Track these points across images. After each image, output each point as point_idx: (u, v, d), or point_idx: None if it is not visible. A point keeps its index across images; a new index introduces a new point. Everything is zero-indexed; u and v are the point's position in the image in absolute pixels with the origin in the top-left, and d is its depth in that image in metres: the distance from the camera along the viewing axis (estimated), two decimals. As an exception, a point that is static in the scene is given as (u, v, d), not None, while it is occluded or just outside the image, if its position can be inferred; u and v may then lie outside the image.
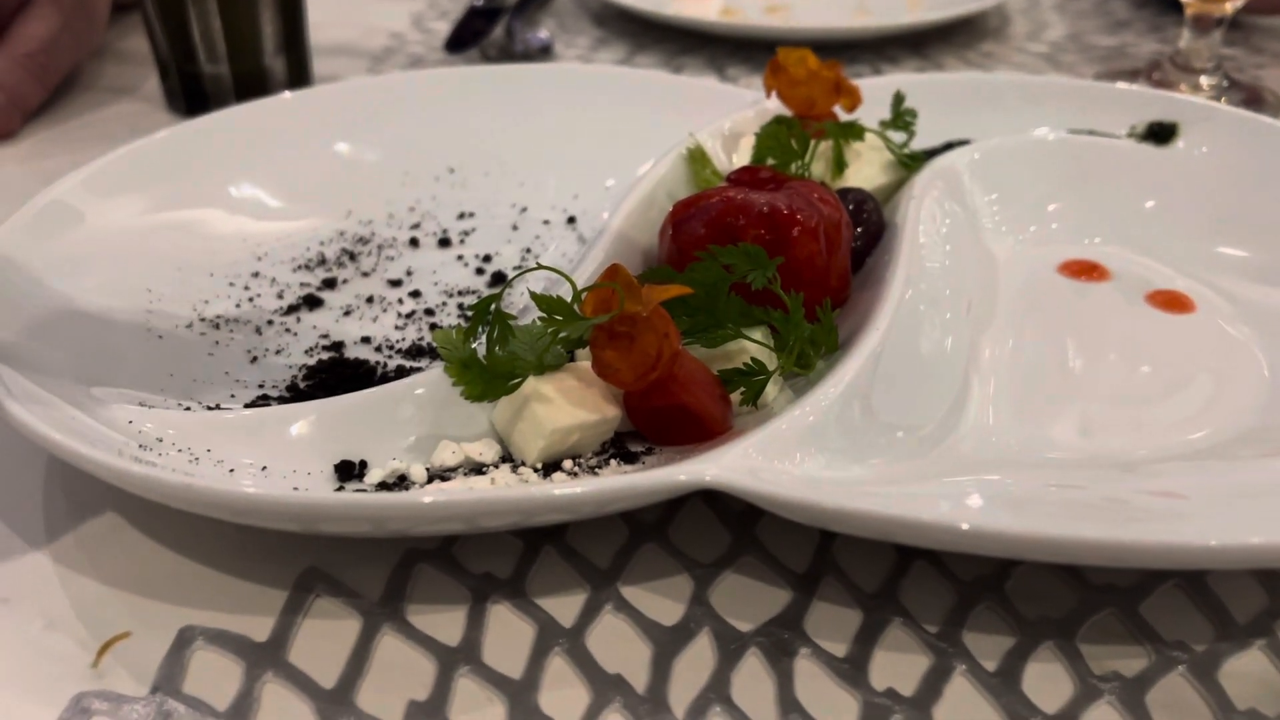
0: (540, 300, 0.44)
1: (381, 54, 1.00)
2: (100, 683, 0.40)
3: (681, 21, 1.00)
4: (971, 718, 0.39)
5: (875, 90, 0.67)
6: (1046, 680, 0.41)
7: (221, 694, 0.40)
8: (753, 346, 0.47)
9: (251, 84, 0.83)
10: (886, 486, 0.43)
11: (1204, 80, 0.86)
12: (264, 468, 0.43)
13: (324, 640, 0.42)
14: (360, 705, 0.40)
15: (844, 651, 0.42)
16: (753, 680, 0.41)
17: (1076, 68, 0.96)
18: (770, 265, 0.47)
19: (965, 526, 0.38)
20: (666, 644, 0.42)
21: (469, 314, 0.52)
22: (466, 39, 0.97)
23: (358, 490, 0.43)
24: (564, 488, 0.39)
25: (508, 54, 0.97)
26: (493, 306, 0.45)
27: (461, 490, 0.39)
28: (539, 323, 0.44)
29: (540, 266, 0.45)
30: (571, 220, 0.66)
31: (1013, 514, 0.41)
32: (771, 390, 0.47)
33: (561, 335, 0.44)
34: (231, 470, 0.43)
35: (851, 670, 0.41)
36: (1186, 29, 0.87)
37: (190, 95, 0.83)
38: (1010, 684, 0.41)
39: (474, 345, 0.45)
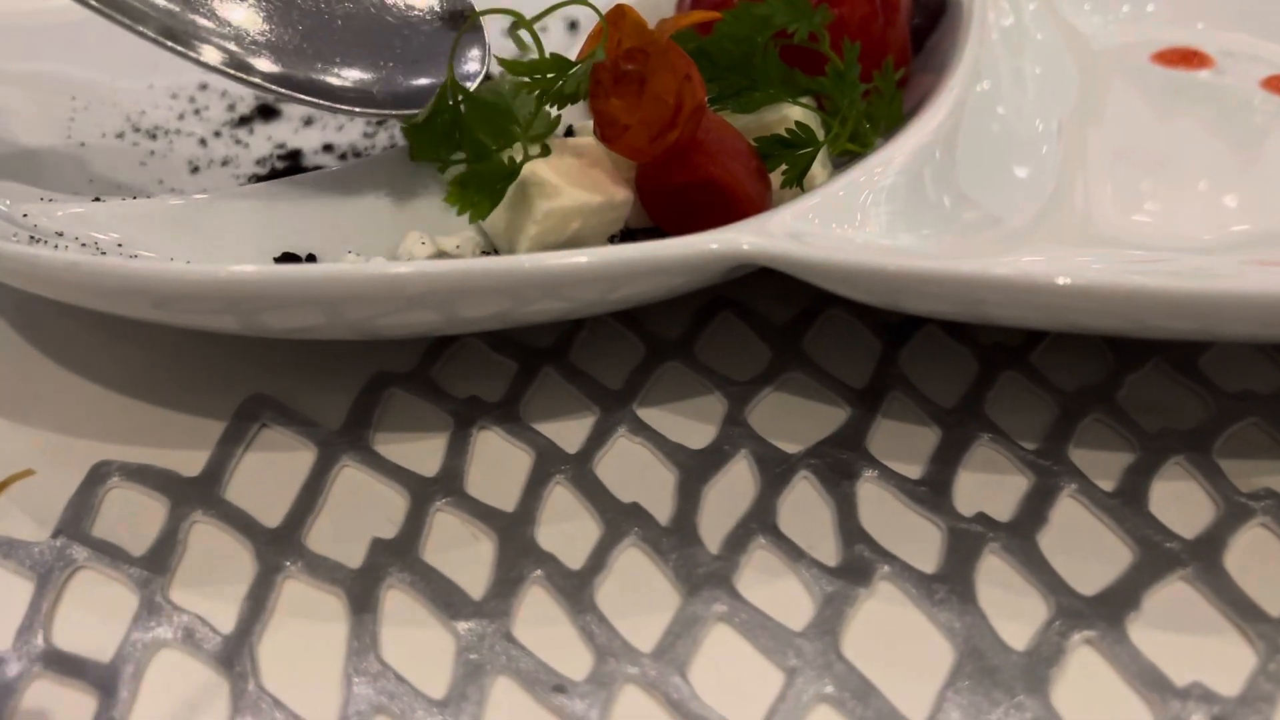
0: (517, 69, 0.34)
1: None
2: (-9, 527, 0.32)
3: None
4: (1088, 545, 0.31)
5: None
6: (1179, 500, 0.32)
7: (138, 537, 0.32)
8: (797, 112, 0.38)
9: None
10: (962, 256, 0.34)
11: None
12: (188, 263, 0.34)
13: (269, 475, 0.34)
14: (310, 546, 0.32)
15: (919, 473, 0.33)
16: (805, 507, 0.32)
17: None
18: (817, 14, 0.38)
19: (1063, 281, 0.29)
20: (695, 469, 0.33)
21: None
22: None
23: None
24: (562, 258, 0.30)
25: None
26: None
27: (436, 262, 0.30)
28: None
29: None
30: (573, 26, 0.57)
31: (1120, 274, 0.32)
32: (819, 173, 0.38)
33: (554, 90, 0.35)
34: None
35: (930, 494, 0.32)
36: None
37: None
38: (1133, 504, 0.32)
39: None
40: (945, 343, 0.37)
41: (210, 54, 0.34)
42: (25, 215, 0.35)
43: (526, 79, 0.35)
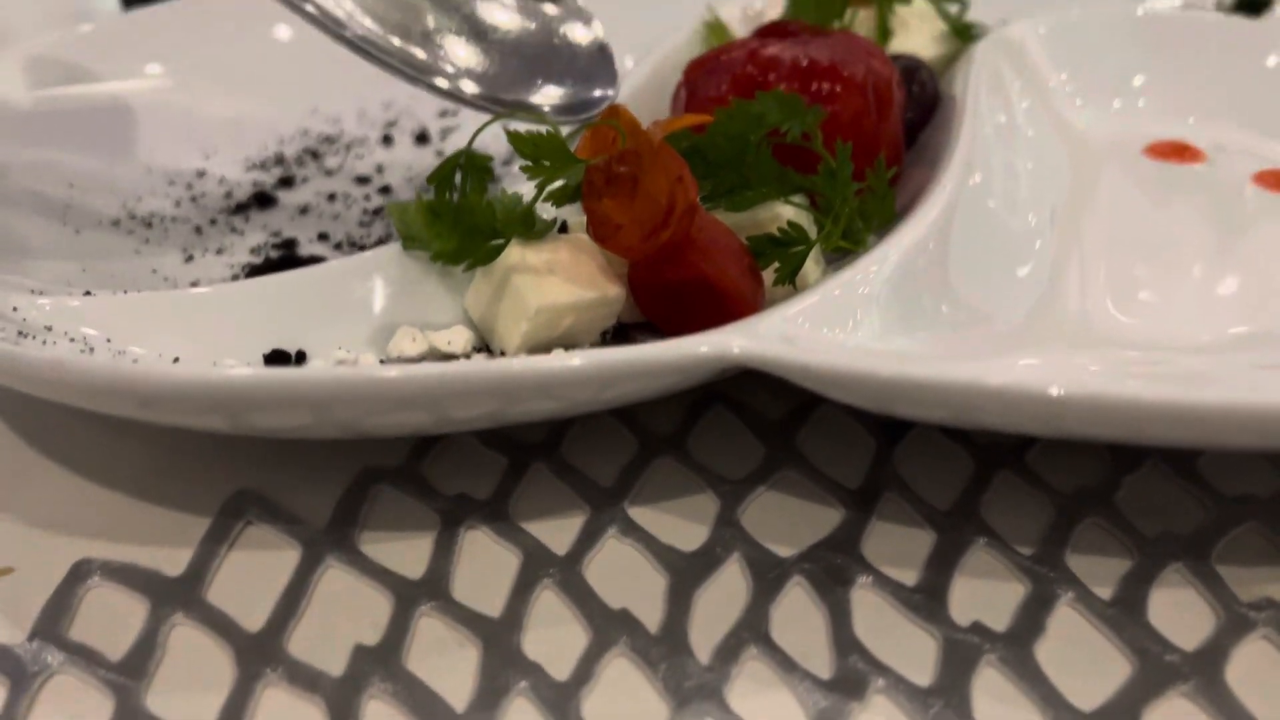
0: (522, 142, 0.34)
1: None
2: (-33, 628, 0.32)
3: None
4: (1086, 657, 0.30)
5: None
6: (1179, 609, 0.32)
7: (117, 640, 0.31)
8: (789, 210, 0.38)
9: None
10: (956, 360, 0.34)
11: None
12: (176, 359, 0.34)
13: (253, 575, 0.33)
14: (292, 652, 0.31)
15: (915, 579, 0.33)
16: (799, 615, 0.32)
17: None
18: (809, 113, 0.38)
19: (1056, 392, 0.28)
20: (686, 573, 0.33)
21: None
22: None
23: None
24: (553, 362, 0.30)
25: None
26: (463, 158, 0.36)
27: (425, 365, 0.30)
28: (522, 172, 0.35)
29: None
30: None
31: (1117, 383, 0.32)
32: (812, 270, 0.38)
33: (551, 188, 0.35)
34: (135, 362, 0.34)
35: (926, 601, 0.32)
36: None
37: None
38: (1133, 614, 0.31)
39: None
40: (940, 441, 0.37)
41: (440, 82, 0.41)
42: (15, 309, 0.35)
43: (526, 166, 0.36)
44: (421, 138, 0.55)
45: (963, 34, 0.53)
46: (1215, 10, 0.57)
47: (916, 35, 0.53)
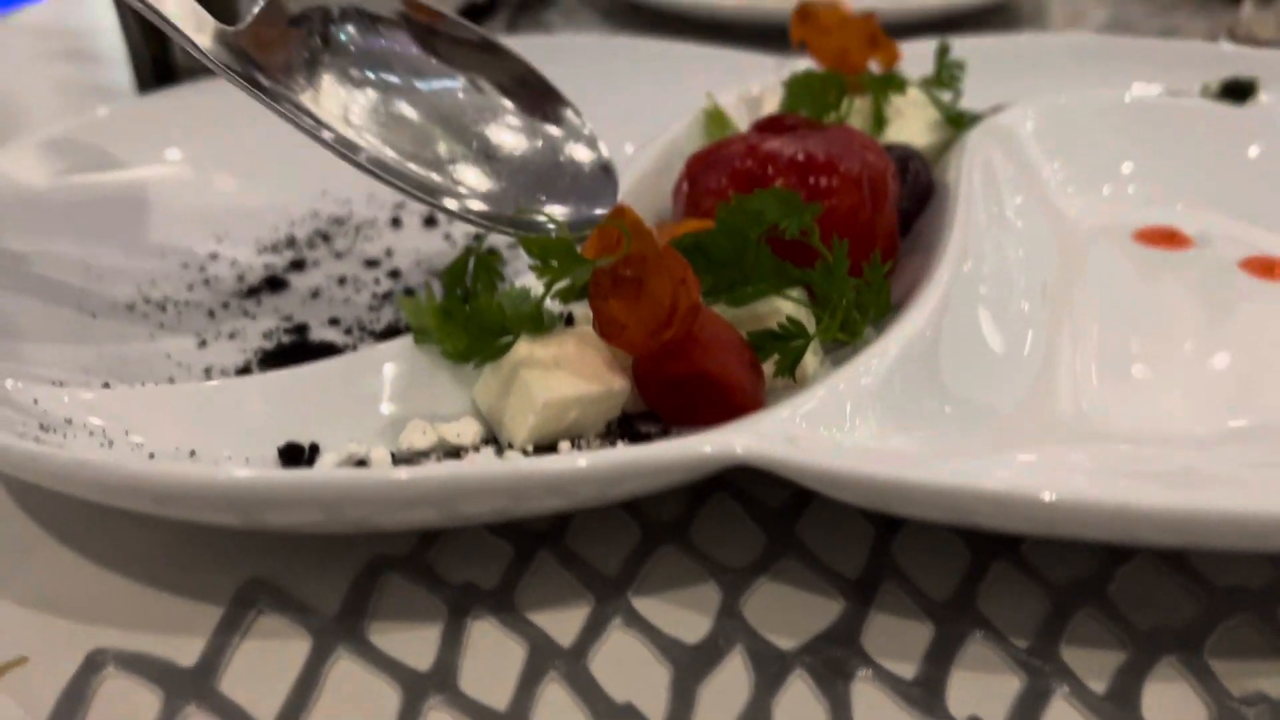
0: (531, 244, 0.36)
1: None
2: (-18, 720, 0.32)
3: (696, 10, 0.93)
4: (1082, 753, 0.31)
5: (913, 54, 0.59)
6: (1171, 703, 0.32)
7: (130, 733, 0.32)
8: (788, 305, 0.39)
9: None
10: (952, 459, 0.35)
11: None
12: (192, 452, 0.35)
13: (265, 665, 0.34)
14: (302, 746, 0.31)
15: (913, 672, 0.33)
16: (800, 708, 0.32)
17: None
18: (807, 210, 0.39)
19: (1049, 497, 0.29)
20: (689, 666, 0.33)
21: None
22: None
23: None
24: (560, 462, 0.31)
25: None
26: (473, 260, 0.37)
27: (433, 466, 0.31)
28: (531, 271, 0.37)
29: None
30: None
31: (1109, 486, 0.33)
32: (811, 361, 0.39)
33: (558, 286, 0.36)
34: (152, 455, 0.35)
35: (924, 695, 0.32)
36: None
37: (162, 78, 0.76)
38: (1126, 708, 0.32)
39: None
40: (937, 531, 0.38)
41: (449, 203, 0.42)
42: (35, 401, 0.36)
43: (535, 266, 0.37)
44: (430, 220, 0.57)
45: (956, 122, 0.54)
46: (1200, 97, 0.59)
47: (911, 123, 0.54)
